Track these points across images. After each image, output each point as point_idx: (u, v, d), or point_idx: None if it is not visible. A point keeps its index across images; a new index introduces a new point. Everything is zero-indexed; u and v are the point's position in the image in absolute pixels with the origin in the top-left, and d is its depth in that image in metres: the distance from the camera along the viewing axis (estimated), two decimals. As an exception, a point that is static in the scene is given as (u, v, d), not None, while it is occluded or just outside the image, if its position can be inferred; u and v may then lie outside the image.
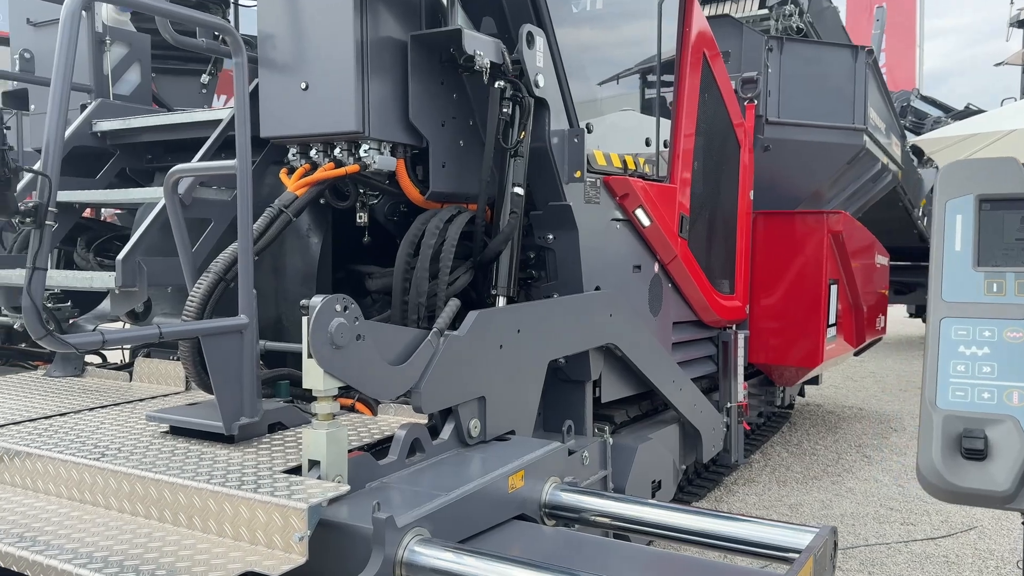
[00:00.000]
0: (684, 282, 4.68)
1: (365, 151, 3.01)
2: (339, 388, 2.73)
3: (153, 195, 3.12)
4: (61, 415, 2.86)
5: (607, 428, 3.79)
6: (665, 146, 4.49)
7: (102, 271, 4.21)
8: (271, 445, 2.48)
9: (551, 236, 3.57)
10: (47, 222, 1.90)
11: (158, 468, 2.21)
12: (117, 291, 2.80)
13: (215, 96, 5.37)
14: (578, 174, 3.44)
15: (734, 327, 5.44)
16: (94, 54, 3.79)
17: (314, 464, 2.20)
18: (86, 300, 3.87)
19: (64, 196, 3.57)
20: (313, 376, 2.20)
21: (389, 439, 2.62)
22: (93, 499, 2.27)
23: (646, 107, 4.51)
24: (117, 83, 3.92)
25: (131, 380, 3.47)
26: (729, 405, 5.36)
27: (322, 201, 3.33)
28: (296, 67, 3.00)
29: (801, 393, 8.06)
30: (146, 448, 2.44)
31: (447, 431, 2.72)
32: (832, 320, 5.93)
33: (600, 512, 2.64)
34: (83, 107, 3.81)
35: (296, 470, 2.25)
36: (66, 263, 4.34)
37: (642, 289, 4.26)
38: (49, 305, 3.66)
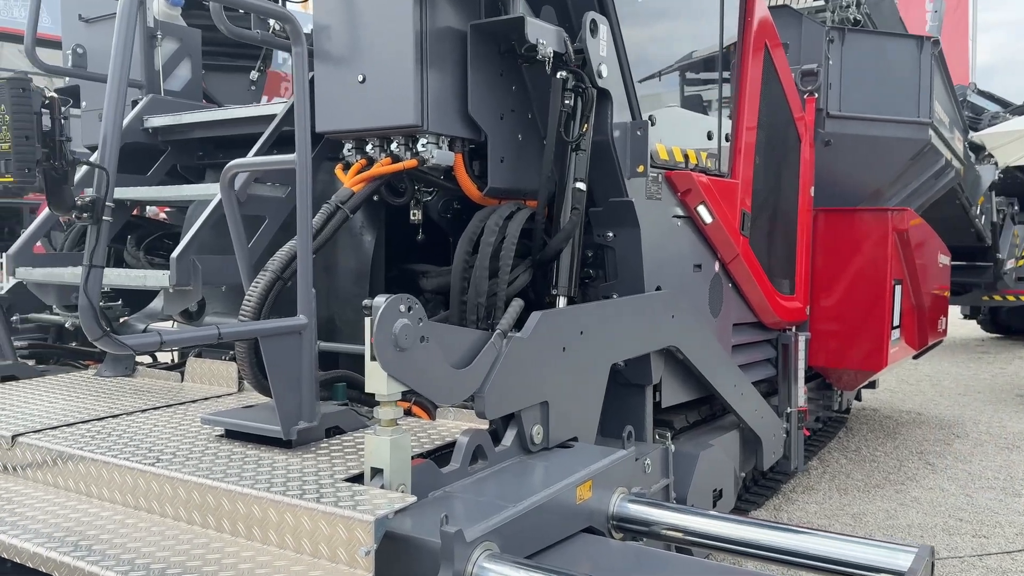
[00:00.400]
0: (745, 282, 4.50)
1: (423, 146, 2.90)
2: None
3: (206, 192, 3.05)
4: (114, 417, 2.80)
5: (668, 435, 3.63)
6: (727, 140, 4.32)
7: (154, 269, 4.18)
8: (330, 450, 2.38)
9: (611, 234, 3.43)
10: (104, 217, 1.82)
11: (215, 475, 2.12)
12: (171, 290, 2.73)
13: (262, 96, 5.31)
14: (641, 169, 3.30)
15: (794, 329, 5.25)
16: (145, 49, 3.74)
17: (377, 472, 2.09)
18: (135, 299, 3.82)
19: (116, 193, 3.52)
20: (376, 380, 2.09)
21: (449, 445, 2.51)
22: (148, 506, 2.19)
23: (687, 103, 4.34)
24: (168, 79, 3.87)
25: (183, 380, 3.41)
26: (789, 410, 5.17)
27: (375, 198, 3.23)
28: (352, 59, 2.90)
29: (858, 397, 7.81)
30: (202, 453, 2.35)
31: (509, 437, 2.60)
32: (896, 322, 5.70)
33: (672, 526, 2.49)
34: (134, 103, 3.77)
35: (358, 478, 2.14)
36: (115, 261, 4.31)
37: (703, 289, 4.10)
38: (101, 304, 3.61)
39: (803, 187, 5.40)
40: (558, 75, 2.99)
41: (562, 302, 3.04)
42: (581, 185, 3.04)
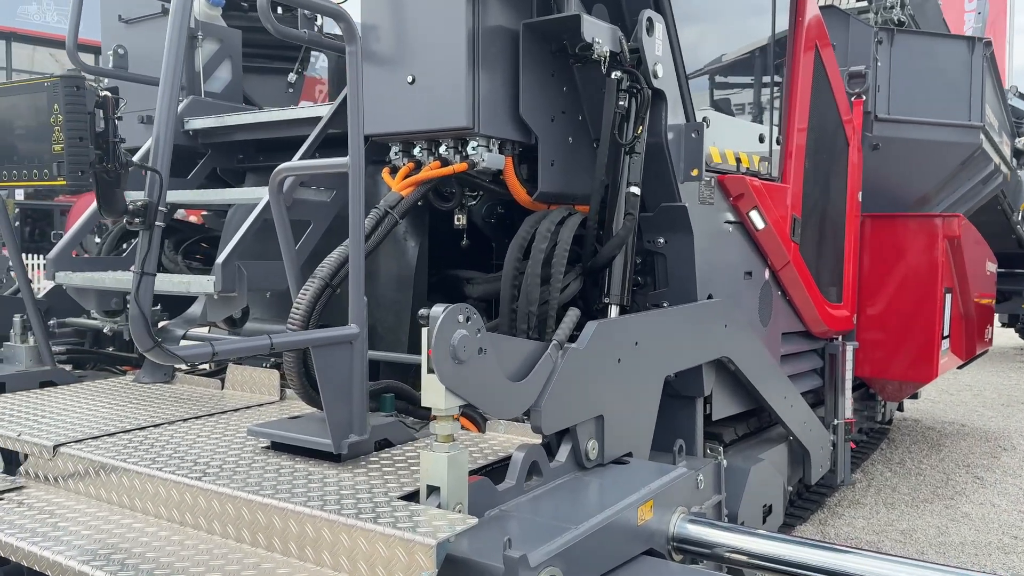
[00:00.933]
0: (794, 290, 4.36)
1: (473, 149, 2.80)
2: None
3: (250, 196, 2.97)
4: (155, 426, 2.73)
5: (721, 449, 3.51)
6: (777, 143, 4.19)
7: (196, 275, 4.13)
8: (381, 465, 2.28)
9: (662, 240, 3.32)
10: (157, 223, 1.74)
11: (265, 491, 2.03)
12: (216, 296, 2.65)
13: (299, 99, 5.25)
14: (695, 172, 3.18)
15: (840, 338, 5.09)
16: (186, 50, 3.68)
17: (433, 490, 1.99)
18: (171, 303, 3.76)
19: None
20: (434, 393, 1.99)
21: (503, 460, 2.40)
22: (195, 522, 2.10)
23: (718, 105, 4.21)
24: (208, 80, 3.80)
25: (223, 388, 3.33)
26: (836, 422, 5.02)
27: (420, 203, 3.14)
28: (402, 60, 2.82)
29: (900, 407, 7.61)
30: (249, 466, 2.27)
31: (563, 453, 2.49)
32: (946, 331, 5.52)
33: (736, 548, 2.37)
34: (175, 105, 3.71)
35: (412, 496, 2.05)
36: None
37: (753, 297, 3.97)
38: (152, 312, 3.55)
39: (851, 192, 5.25)
40: (612, 75, 2.88)
41: (614, 311, 2.94)
42: (635, 190, 2.93)
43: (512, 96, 2.87)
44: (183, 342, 3.78)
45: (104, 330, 3.59)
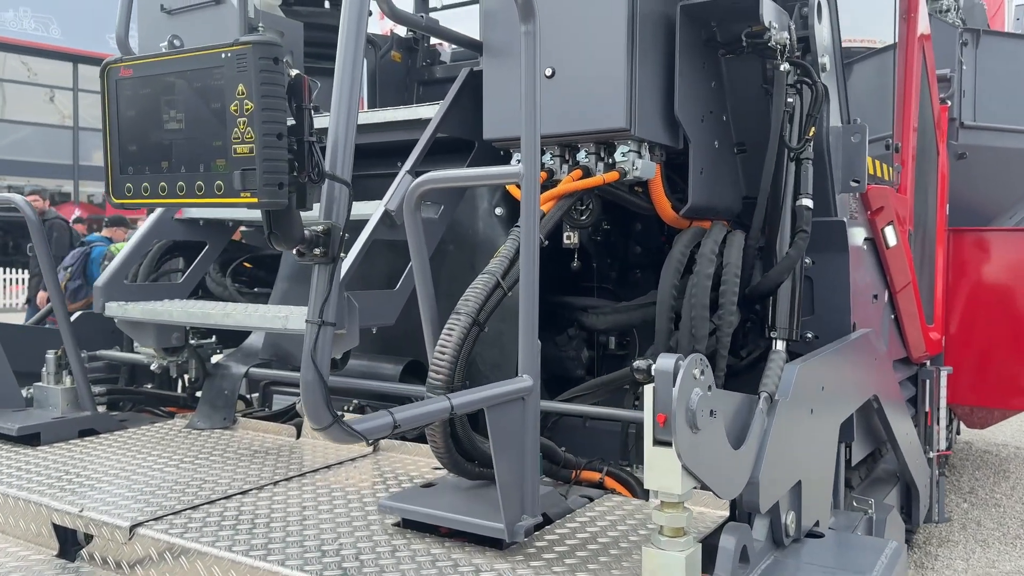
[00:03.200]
0: (908, 313, 3.93)
1: (623, 155, 2.34)
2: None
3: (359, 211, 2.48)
4: (243, 493, 2.23)
5: (871, 501, 3.06)
6: (896, 150, 3.77)
7: (282, 306, 3.61)
8: (560, 556, 1.80)
9: (809, 260, 2.87)
10: (341, 255, 1.27)
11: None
12: (319, 335, 2.15)
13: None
14: (855, 182, 2.74)
15: (929, 362, 4.67)
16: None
17: (662, 600, 1.52)
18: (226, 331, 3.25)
19: (215, 212, 2.96)
20: (666, 474, 1.52)
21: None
22: (339, 639, 1.61)
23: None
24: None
25: (299, 437, 2.83)
26: (930, 455, 4.59)
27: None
28: (536, 48, 2.35)
29: (958, 431, 7.22)
30: (393, 556, 1.77)
31: (760, 529, 2.02)
32: (1044, 354, 5.12)
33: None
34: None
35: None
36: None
37: (878, 324, 3.54)
38: (192, 342, 3.04)
39: (940, 204, 4.86)
40: (781, 67, 2.44)
41: (780, 347, 2.47)
42: (807, 202, 2.48)
43: (666, 92, 2.42)
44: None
45: (152, 367, 3.07)
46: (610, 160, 2.38)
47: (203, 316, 2.41)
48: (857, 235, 3.08)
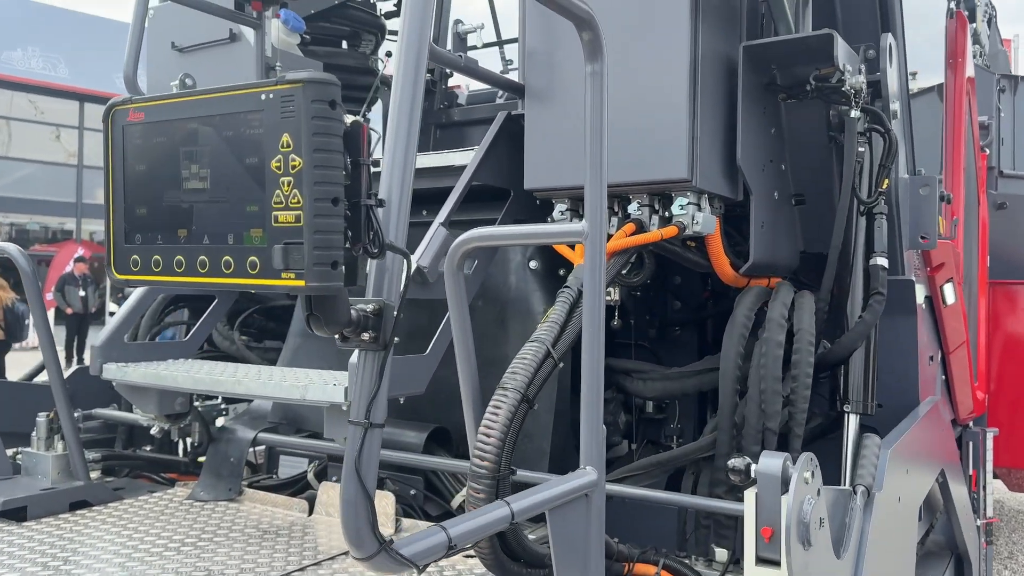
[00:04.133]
0: (959, 373, 3.68)
1: (681, 207, 2.11)
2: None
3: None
4: (255, 587, 1.95)
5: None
6: (948, 201, 3.55)
7: (256, 355, 3.37)
8: None
9: (872, 322, 2.63)
10: (396, 340, 1.03)
11: None
12: (345, 407, 1.90)
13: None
14: (924, 238, 2.52)
15: (972, 423, 4.41)
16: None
17: None
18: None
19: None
20: (774, 599, 1.26)
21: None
22: None
23: None
24: (283, 119, 3.10)
25: (310, 513, 2.56)
26: (978, 523, 4.30)
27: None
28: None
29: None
30: None
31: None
32: (1089, 414, 4.87)
33: None
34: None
35: None
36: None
37: (935, 388, 3.29)
38: (196, 404, 2.79)
39: (982, 255, 4.63)
40: (852, 114, 2.22)
41: (853, 423, 2.22)
42: (882, 261, 2.25)
43: (726, 140, 2.20)
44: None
45: (152, 430, 2.81)
46: (666, 213, 2.15)
47: (212, 383, 2.16)
48: (920, 294, 2.85)
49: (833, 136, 2.34)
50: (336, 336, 1.05)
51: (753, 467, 1.30)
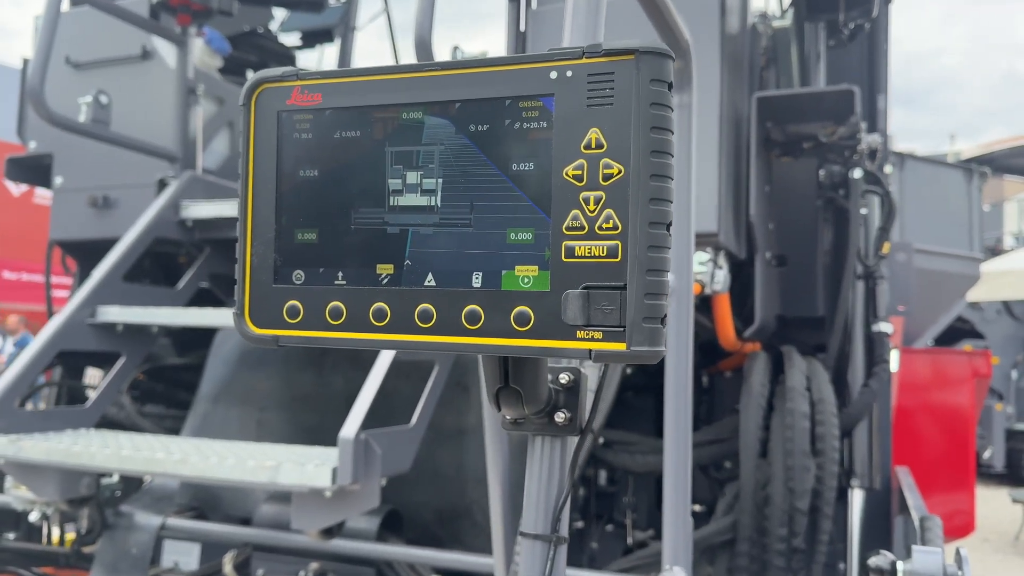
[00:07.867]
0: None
1: (701, 263, 1.94)
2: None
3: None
4: None
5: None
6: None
7: (151, 423, 2.87)
8: None
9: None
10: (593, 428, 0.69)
11: None
12: (329, 494, 1.55)
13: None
14: (902, 308, 2.48)
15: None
16: (181, 109, 2.59)
17: None
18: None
19: (137, 315, 2.29)
20: None
21: None
22: None
23: None
24: (205, 151, 2.71)
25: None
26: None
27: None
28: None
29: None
30: None
31: None
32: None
33: None
34: (161, 183, 2.59)
35: None
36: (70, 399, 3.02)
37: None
38: (104, 488, 2.29)
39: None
40: (853, 174, 2.16)
41: (858, 499, 2.10)
42: (886, 327, 2.17)
43: (736, 194, 2.06)
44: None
45: (31, 516, 2.28)
46: (684, 271, 1.97)
47: (146, 463, 1.73)
48: (895, 362, 2.82)
49: (832, 197, 2.27)
50: (512, 420, 0.75)
51: (901, 565, 1.10)
